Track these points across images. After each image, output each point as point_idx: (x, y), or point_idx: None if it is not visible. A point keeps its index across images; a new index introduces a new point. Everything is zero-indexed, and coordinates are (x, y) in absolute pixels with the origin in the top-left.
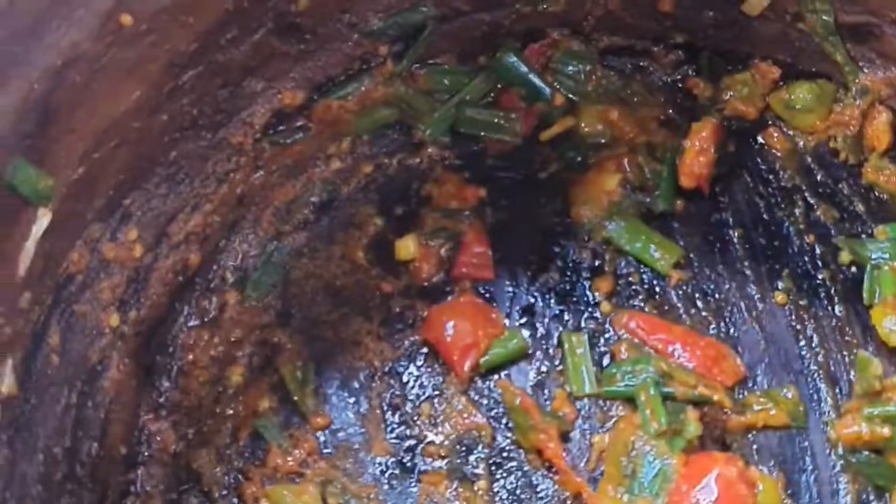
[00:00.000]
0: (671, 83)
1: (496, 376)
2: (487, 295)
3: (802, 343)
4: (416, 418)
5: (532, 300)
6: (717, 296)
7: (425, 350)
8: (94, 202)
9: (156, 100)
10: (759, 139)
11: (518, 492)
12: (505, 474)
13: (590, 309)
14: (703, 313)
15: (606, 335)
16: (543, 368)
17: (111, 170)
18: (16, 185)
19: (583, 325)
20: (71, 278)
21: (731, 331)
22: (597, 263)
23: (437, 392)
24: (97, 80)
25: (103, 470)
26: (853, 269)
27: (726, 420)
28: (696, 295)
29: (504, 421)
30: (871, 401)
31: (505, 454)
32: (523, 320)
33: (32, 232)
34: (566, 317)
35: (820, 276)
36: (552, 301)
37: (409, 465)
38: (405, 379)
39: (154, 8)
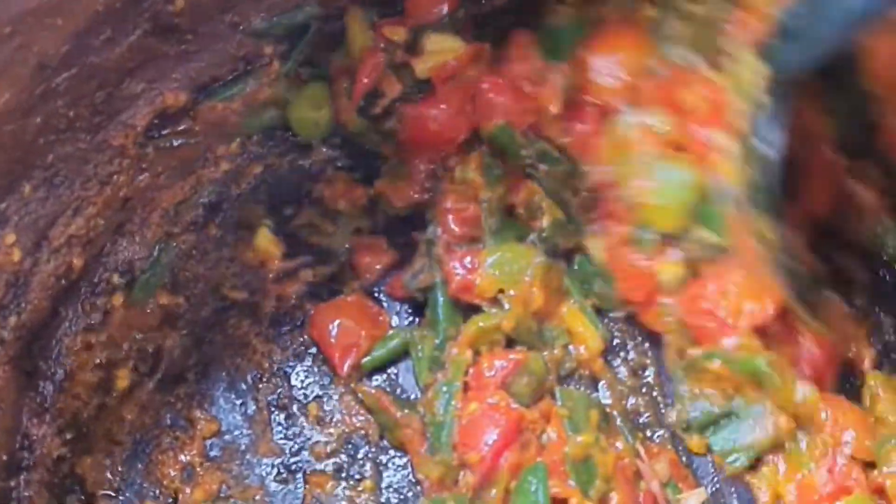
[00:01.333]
0: None
1: (383, 375)
2: (377, 294)
3: None
4: (302, 419)
5: (422, 299)
6: None
7: (314, 350)
8: None
9: (28, 102)
10: None
11: (405, 490)
12: (391, 473)
13: None
14: None
15: None
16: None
17: None
18: None
19: None
20: None
21: None
22: None
23: (324, 392)
24: None
25: None
26: None
27: None
28: None
29: None
30: None
31: (391, 453)
32: (412, 319)
33: None
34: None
35: None
36: None
37: (295, 466)
38: (293, 380)
39: (18, 10)
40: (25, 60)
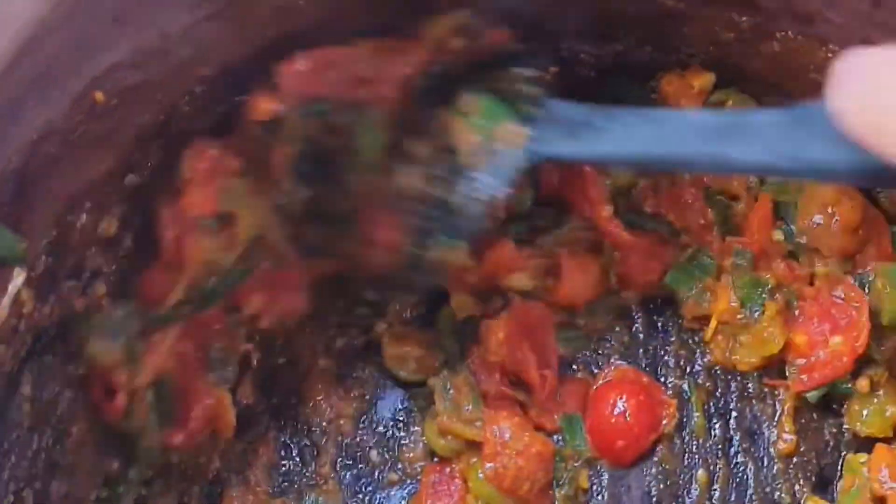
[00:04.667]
0: None
1: None
2: None
3: None
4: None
5: None
6: None
7: None
8: (66, 262)
9: (125, 168)
10: None
11: None
12: None
13: None
14: None
15: None
16: None
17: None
18: None
19: None
20: (44, 331)
21: None
22: None
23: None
24: (70, 151)
25: None
26: None
27: None
28: None
29: None
30: None
31: None
32: None
33: (8, 290)
34: None
35: None
36: None
37: None
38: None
39: (126, 85)
40: (126, 130)
